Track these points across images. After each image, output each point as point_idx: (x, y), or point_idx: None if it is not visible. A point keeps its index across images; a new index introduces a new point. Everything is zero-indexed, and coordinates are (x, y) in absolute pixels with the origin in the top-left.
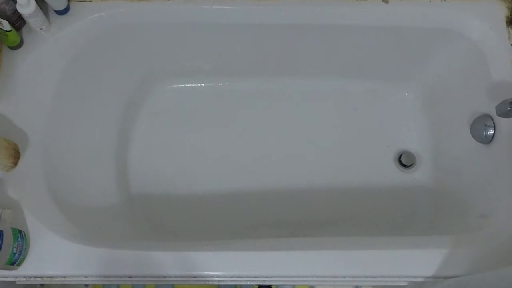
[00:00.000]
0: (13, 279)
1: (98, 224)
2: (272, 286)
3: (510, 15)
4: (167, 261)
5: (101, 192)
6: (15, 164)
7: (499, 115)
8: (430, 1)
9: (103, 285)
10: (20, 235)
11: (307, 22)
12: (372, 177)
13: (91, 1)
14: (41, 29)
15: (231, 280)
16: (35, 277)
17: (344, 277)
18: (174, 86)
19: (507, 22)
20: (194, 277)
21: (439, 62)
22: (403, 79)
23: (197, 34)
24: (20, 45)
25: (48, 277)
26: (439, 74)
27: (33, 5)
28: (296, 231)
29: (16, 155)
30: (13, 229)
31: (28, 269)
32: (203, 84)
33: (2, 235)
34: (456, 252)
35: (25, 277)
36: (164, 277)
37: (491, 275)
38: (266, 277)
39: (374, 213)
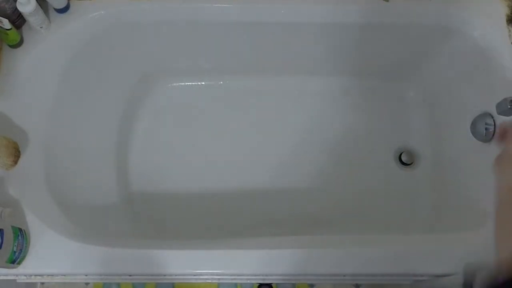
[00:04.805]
0: (13, 278)
1: (98, 223)
2: (272, 285)
3: (510, 14)
4: (167, 260)
5: (102, 190)
6: (15, 162)
7: (499, 113)
8: None
9: (104, 283)
10: (21, 234)
11: (308, 20)
12: (373, 176)
13: None
14: (41, 27)
15: (231, 279)
16: (35, 275)
17: (344, 276)
18: (174, 84)
19: (507, 21)
20: (194, 275)
21: (439, 60)
22: (403, 77)
23: (197, 33)
24: (20, 43)
25: (48, 275)
26: (440, 72)
27: (33, 3)
28: (296, 230)
29: (16, 154)
30: (13, 227)
31: (28, 267)
32: (203, 83)
33: (3, 233)
34: (457, 250)
35: (25, 275)
36: (165, 275)
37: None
38: (266, 276)
39: (375, 212)
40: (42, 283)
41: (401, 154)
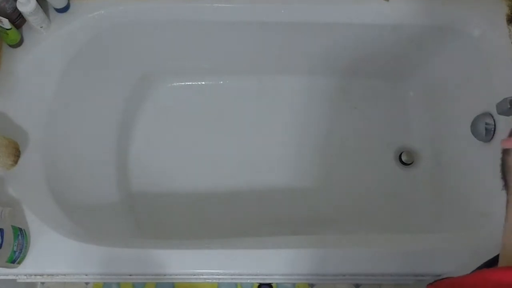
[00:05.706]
0: (13, 277)
1: (98, 222)
2: (272, 284)
3: (510, 14)
4: (168, 259)
5: (102, 190)
6: (16, 162)
7: (499, 113)
8: None
9: (104, 283)
10: (21, 233)
11: (307, 20)
12: (373, 175)
13: None
14: (41, 27)
15: (231, 278)
16: (35, 275)
17: (344, 276)
18: (175, 84)
19: (507, 20)
20: (194, 275)
21: (439, 60)
22: (403, 76)
23: (197, 32)
24: (20, 43)
25: (48, 275)
26: (440, 71)
27: (33, 3)
28: (296, 230)
29: (16, 153)
30: (13, 227)
31: (28, 267)
32: (203, 83)
33: (3, 233)
34: (457, 250)
35: (25, 275)
36: (165, 275)
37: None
38: (266, 275)
39: (375, 211)
40: (42, 283)
41: (401, 154)
